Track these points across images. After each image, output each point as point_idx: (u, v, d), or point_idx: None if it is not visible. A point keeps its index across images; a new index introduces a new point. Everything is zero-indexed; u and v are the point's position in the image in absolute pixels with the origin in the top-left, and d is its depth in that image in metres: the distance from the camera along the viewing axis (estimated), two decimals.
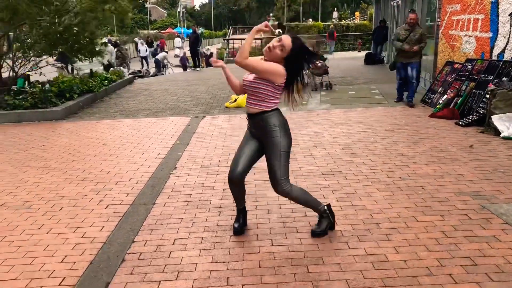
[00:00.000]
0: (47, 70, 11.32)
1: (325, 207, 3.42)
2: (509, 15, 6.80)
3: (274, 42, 3.09)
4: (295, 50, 3.07)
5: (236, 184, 3.39)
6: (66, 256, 3.22)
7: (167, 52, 25.13)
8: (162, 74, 20.91)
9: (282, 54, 3.08)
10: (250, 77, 3.23)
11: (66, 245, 3.39)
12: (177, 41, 36.84)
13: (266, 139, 3.23)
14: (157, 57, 22.04)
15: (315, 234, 3.37)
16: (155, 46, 30.74)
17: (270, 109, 3.20)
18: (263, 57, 3.24)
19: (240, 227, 3.50)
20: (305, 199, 3.38)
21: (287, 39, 3.07)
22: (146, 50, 24.40)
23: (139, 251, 3.27)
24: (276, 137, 3.19)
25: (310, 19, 54.70)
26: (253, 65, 3.08)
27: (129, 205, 4.15)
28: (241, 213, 3.58)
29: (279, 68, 3.10)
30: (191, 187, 4.56)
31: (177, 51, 32.60)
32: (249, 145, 3.36)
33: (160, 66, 21.33)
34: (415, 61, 8.49)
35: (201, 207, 4.04)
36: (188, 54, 21.32)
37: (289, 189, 3.27)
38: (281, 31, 3.14)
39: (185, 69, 20.84)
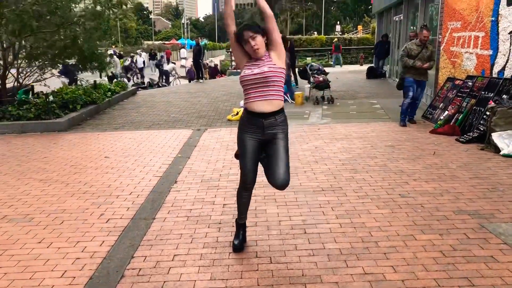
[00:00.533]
0: (51, 81, 11.42)
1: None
2: (509, 33, 6.86)
3: (252, 43, 3.17)
4: (260, 29, 3.24)
5: (250, 190, 3.44)
6: (66, 271, 3.24)
7: (175, 63, 25.36)
8: (165, 85, 21.05)
9: (260, 39, 3.19)
10: (265, 68, 3.18)
11: (66, 259, 3.41)
12: (183, 52, 37.57)
13: (277, 135, 3.24)
14: (166, 68, 22.21)
15: None
16: (159, 57, 31.04)
17: (282, 106, 3.28)
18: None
19: (240, 244, 3.51)
20: None
21: (246, 33, 3.20)
22: (144, 62, 24.62)
23: (138, 267, 3.28)
24: (286, 135, 3.30)
25: (315, 32, 54.98)
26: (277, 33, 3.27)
27: (130, 220, 4.17)
28: (242, 229, 3.59)
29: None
30: (191, 202, 4.58)
31: (183, 62, 33.03)
32: (254, 149, 3.29)
33: (169, 77, 21.46)
34: (425, 79, 8.31)
35: (201, 222, 4.06)
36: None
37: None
38: None
39: (190, 81, 20.99)
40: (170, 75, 21.79)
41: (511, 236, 3.53)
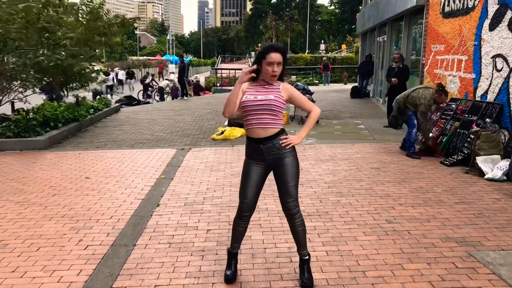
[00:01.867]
0: (32, 97, 11.21)
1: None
2: (491, 57, 6.96)
3: (275, 68, 3.08)
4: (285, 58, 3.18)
5: (247, 217, 3.32)
6: None
7: (170, 80, 25.23)
8: (149, 102, 20.91)
9: (280, 69, 3.13)
10: (271, 96, 3.11)
11: None
12: (171, 67, 38.26)
13: (283, 159, 3.16)
14: (161, 84, 22.05)
15: (308, 286, 3.23)
16: (144, 74, 31.09)
17: (282, 129, 3.21)
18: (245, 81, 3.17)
19: (232, 275, 3.35)
20: (305, 235, 3.34)
21: (276, 56, 3.08)
22: (113, 78, 24.56)
23: None
24: (294, 155, 3.21)
25: (323, 50, 54.75)
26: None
27: (109, 246, 4.02)
28: (234, 258, 3.43)
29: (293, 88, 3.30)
30: (174, 227, 4.45)
31: (172, 76, 33.24)
32: (256, 176, 3.21)
33: (163, 94, 21.22)
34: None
35: (184, 249, 3.93)
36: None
37: (300, 213, 3.28)
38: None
39: (173, 98, 20.85)
40: (165, 91, 21.63)
41: (499, 266, 3.49)
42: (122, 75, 28.14)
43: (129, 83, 28.56)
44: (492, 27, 6.95)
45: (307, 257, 3.33)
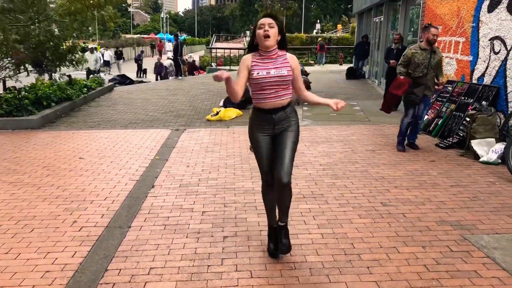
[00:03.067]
0: (23, 76, 11.05)
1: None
2: (489, 40, 6.90)
3: (266, 27, 3.11)
4: (282, 26, 3.24)
5: (272, 186, 3.34)
6: (34, 286, 3.05)
7: (172, 59, 24.89)
8: (143, 81, 20.75)
9: (275, 32, 3.14)
10: (283, 71, 3.17)
11: (34, 273, 3.22)
12: (168, 45, 38.51)
13: (287, 129, 3.26)
14: (164, 63, 21.74)
15: (284, 249, 3.36)
16: (139, 52, 30.59)
17: (291, 100, 3.31)
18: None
19: (275, 248, 3.42)
20: (289, 204, 3.38)
21: (266, 19, 3.15)
22: (100, 58, 23.78)
23: (112, 281, 3.13)
24: (297, 124, 3.34)
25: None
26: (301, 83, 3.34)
27: (104, 228, 3.99)
28: (275, 231, 3.45)
29: (296, 60, 3.31)
30: (169, 209, 4.43)
31: (169, 54, 33.27)
32: (268, 146, 3.32)
33: (167, 73, 20.88)
34: (430, 94, 6.58)
35: (179, 231, 3.91)
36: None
37: (290, 185, 3.25)
38: None
39: (157, 77, 20.64)
40: (168, 70, 21.40)
41: (493, 249, 3.50)
42: (108, 56, 26.38)
43: (118, 64, 26.97)
44: (490, 9, 6.87)
45: (285, 223, 3.40)
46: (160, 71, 21.37)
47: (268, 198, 3.44)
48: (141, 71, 26.25)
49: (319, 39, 32.66)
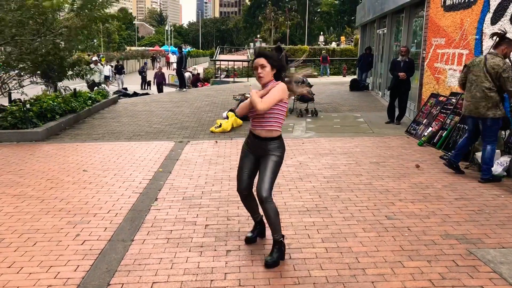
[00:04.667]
0: (29, 87, 11.12)
1: (282, 237, 3.58)
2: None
3: (258, 70, 3.48)
4: (275, 62, 3.50)
5: (245, 196, 3.74)
6: None
7: (190, 72, 25.03)
8: (148, 93, 20.83)
9: (268, 70, 3.46)
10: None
11: (37, 287, 3.21)
12: (172, 58, 40.26)
13: (266, 156, 3.55)
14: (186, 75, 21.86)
15: (268, 264, 3.45)
16: (142, 64, 30.67)
17: (279, 133, 3.55)
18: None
19: (253, 236, 3.88)
20: (274, 220, 3.53)
21: (259, 60, 3.48)
22: (110, 71, 23.38)
23: None
24: (277, 157, 3.55)
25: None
26: (272, 102, 3.41)
27: (107, 241, 3.98)
28: (258, 224, 3.93)
29: (281, 86, 3.45)
30: (172, 222, 4.41)
31: (175, 66, 34.14)
32: (248, 158, 3.68)
33: (185, 85, 20.82)
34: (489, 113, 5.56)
35: (182, 245, 3.89)
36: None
37: (271, 201, 3.49)
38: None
39: (158, 85, 20.56)
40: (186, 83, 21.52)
41: (500, 264, 3.46)
42: (108, 70, 24.33)
43: (119, 79, 24.34)
44: (494, 21, 6.88)
45: (280, 238, 3.56)
46: (160, 81, 21.30)
47: (244, 205, 3.86)
48: (145, 83, 26.35)
49: (323, 51, 32.82)
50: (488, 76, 5.52)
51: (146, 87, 25.90)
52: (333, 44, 48.75)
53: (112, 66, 26.02)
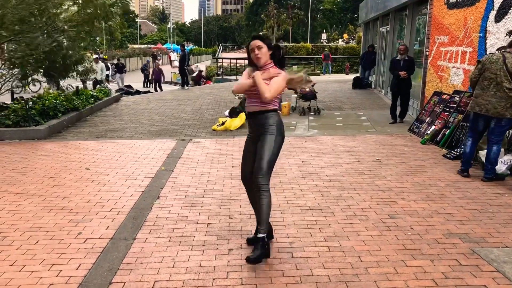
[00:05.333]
0: (31, 86, 11.14)
1: (265, 236, 3.52)
2: (496, 50, 6.85)
3: (255, 51, 3.56)
4: (267, 41, 3.62)
5: (249, 185, 3.69)
6: None
7: (202, 70, 25.09)
8: (151, 91, 20.77)
9: (265, 51, 3.56)
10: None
11: (39, 285, 3.20)
12: (173, 56, 41.63)
13: (263, 134, 3.57)
14: (194, 75, 21.91)
15: (249, 260, 3.45)
16: (144, 62, 30.60)
17: (275, 107, 3.60)
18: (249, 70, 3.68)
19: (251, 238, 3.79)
20: (265, 210, 3.50)
21: (255, 42, 3.57)
22: (109, 69, 22.99)
23: None
24: (273, 134, 3.56)
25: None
26: (278, 91, 3.52)
27: (109, 240, 3.97)
28: (261, 241, 3.59)
29: (284, 75, 3.57)
30: (174, 221, 4.40)
31: (176, 63, 35.18)
32: (248, 147, 3.73)
33: (188, 83, 20.67)
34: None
35: (184, 243, 3.89)
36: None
37: (266, 188, 3.50)
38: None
39: (156, 82, 20.35)
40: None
41: (503, 264, 3.44)
42: (107, 68, 23.58)
43: (119, 78, 23.47)
44: (498, 19, 6.84)
45: (263, 235, 3.50)
46: (158, 78, 21.03)
47: (250, 198, 3.80)
48: (148, 80, 26.34)
49: (325, 49, 32.85)
50: (508, 75, 5.38)
51: (148, 85, 25.89)
52: (340, 42, 48.44)
53: (113, 64, 25.88)
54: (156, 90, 21.11)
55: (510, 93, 5.39)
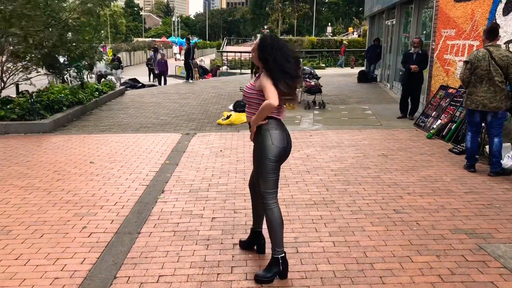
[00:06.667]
0: (37, 79, 11.11)
1: (283, 254, 3.18)
2: (504, 43, 6.77)
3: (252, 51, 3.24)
4: (262, 48, 3.10)
5: (251, 193, 3.51)
6: None
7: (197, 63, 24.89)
8: (155, 85, 20.71)
9: (255, 56, 3.16)
10: (248, 86, 3.26)
11: (44, 279, 3.21)
12: (176, 49, 43.71)
13: (254, 146, 3.26)
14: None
15: (257, 279, 3.14)
16: (148, 57, 30.46)
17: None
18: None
19: (247, 244, 3.59)
20: (275, 230, 3.18)
21: (256, 43, 3.21)
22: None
23: None
24: (261, 144, 3.15)
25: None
26: (274, 93, 3.03)
27: (114, 234, 3.97)
28: (254, 235, 3.58)
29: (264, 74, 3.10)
30: (179, 215, 4.39)
31: (178, 56, 37.99)
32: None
33: (193, 76, 20.36)
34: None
35: (188, 238, 3.88)
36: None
37: (272, 207, 3.20)
38: None
39: (160, 73, 19.98)
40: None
41: (510, 260, 3.41)
42: (103, 65, 21.75)
43: (115, 74, 21.86)
44: (506, 12, 6.75)
45: (280, 255, 3.18)
46: (163, 70, 20.35)
47: (252, 205, 3.60)
48: (154, 75, 26.23)
49: (344, 42, 33.40)
50: (499, 69, 5.45)
51: (153, 80, 25.79)
52: (354, 35, 47.84)
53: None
54: (160, 83, 20.88)
55: (503, 86, 5.50)
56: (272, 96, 2.97)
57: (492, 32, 5.65)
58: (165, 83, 18.59)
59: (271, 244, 3.22)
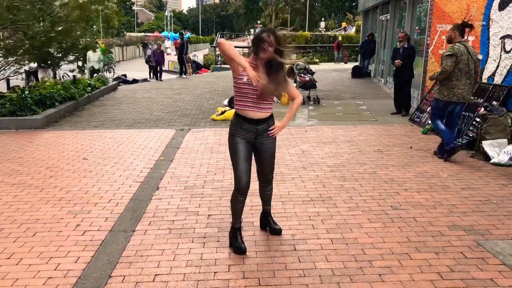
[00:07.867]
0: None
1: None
2: (500, 38, 6.76)
3: (268, 48, 3.23)
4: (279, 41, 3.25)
5: (245, 194, 3.50)
6: None
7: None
8: (147, 80, 20.48)
9: (272, 51, 3.25)
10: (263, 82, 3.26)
11: (36, 279, 3.14)
12: (168, 43, 43.34)
13: (267, 139, 3.43)
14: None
15: (278, 231, 3.80)
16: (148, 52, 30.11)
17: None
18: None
19: (245, 247, 3.53)
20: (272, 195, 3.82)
21: (270, 40, 3.25)
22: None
23: None
24: (275, 139, 3.52)
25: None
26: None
27: (108, 232, 3.90)
28: (239, 231, 3.60)
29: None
30: (174, 212, 4.33)
31: (169, 51, 38.29)
32: (247, 152, 3.43)
33: (186, 71, 19.87)
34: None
35: (184, 236, 3.82)
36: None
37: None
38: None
39: (157, 64, 19.57)
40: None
41: (509, 256, 3.39)
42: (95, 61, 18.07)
43: (111, 63, 22.47)
44: (501, 7, 6.73)
45: (270, 210, 3.85)
46: (160, 61, 19.78)
47: (238, 203, 3.54)
48: (156, 71, 25.78)
49: (339, 37, 33.21)
50: (473, 63, 5.85)
51: (152, 76, 25.39)
52: (352, 30, 47.54)
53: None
54: (156, 76, 20.26)
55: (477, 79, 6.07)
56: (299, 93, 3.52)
57: (467, 27, 5.92)
58: (160, 75, 18.23)
59: (267, 205, 3.84)
